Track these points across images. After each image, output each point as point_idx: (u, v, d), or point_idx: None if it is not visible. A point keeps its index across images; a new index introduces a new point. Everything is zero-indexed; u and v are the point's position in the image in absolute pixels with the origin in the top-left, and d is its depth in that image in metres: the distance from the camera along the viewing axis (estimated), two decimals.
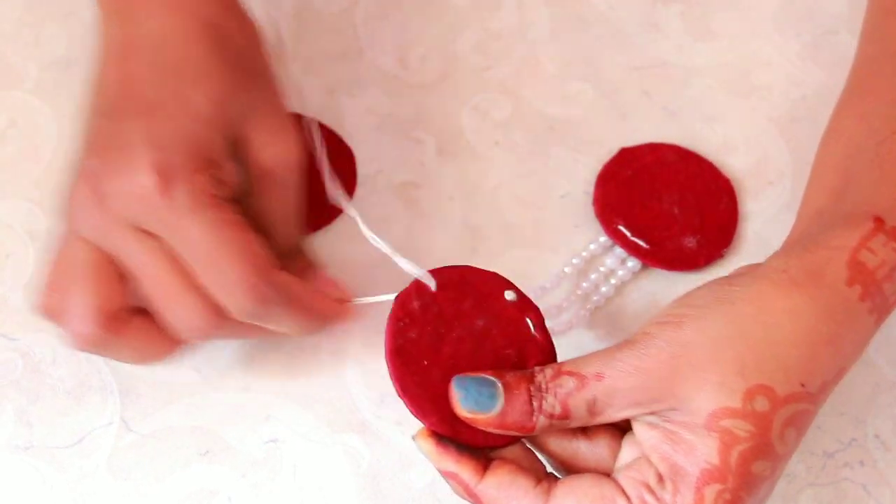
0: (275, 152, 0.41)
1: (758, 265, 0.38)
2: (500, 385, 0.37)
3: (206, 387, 0.44)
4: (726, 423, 0.34)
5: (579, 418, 0.36)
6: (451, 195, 0.49)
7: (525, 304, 0.40)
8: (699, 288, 0.38)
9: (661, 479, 0.35)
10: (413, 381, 0.38)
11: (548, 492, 0.36)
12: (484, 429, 0.37)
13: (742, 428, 0.34)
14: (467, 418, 0.37)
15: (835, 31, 0.55)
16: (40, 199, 0.47)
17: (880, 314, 0.37)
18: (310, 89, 0.51)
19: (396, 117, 0.51)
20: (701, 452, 0.34)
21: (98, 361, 0.44)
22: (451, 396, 0.37)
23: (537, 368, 0.37)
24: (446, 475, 0.37)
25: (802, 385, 0.35)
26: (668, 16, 0.55)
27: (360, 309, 0.46)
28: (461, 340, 0.39)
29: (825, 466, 0.44)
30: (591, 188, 0.49)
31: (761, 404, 0.34)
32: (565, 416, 0.36)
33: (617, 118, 0.52)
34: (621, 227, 0.48)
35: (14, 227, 0.47)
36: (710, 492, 0.34)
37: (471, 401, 0.37)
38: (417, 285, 0.40)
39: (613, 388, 0.36)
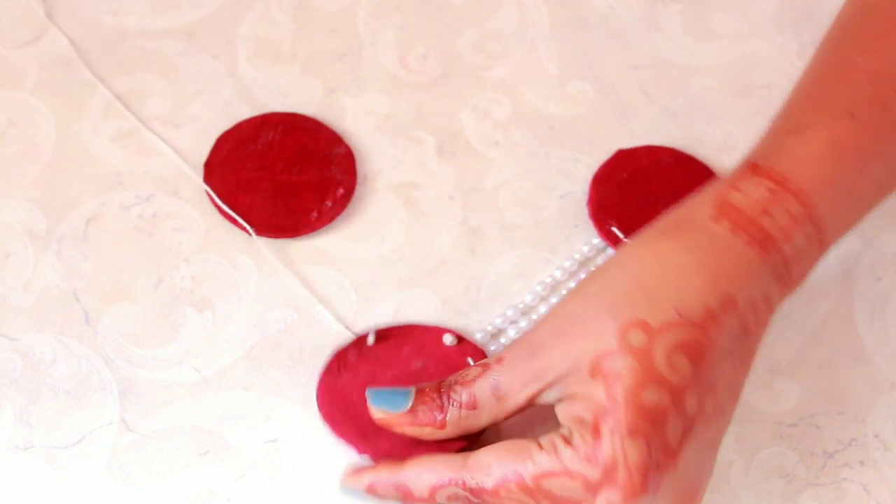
0: None
1: None
2: (412, 389, 0.38)
3: (206, 387, 0.44)
4: (607, 364, 0.35)
5: (488, 406, 0.37)
6: (451, 195, 0.49)
7: (466, 347, 0.41)
8: None
9: (570, 434, 0.36)
10: (344, 418, 0.40)
11: (468, 456, 0.37)
12: (400, 431, 0.38)
13: (623, 364, 0.35)
14: (381, 420, 0.38)
15: None
16: (40, 199, 0.47)
17: (765, 248, 0.38)
18: (310, 89, 0.51)
19: (396, 117, 0.51)
20: (594, 399, 0.35)
21: (98, 361, 0.44)
22: (367, 405, 0.39)
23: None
24: (371, 491, 0.38)
25: (679, 314, 0.36)
26: (668, 16, 0.55)
27: (360, 310, 0.46)
28: (396, 379, 0.40)
29: (825, 466, 0.44)
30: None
31: (637, 338, 0.35)
32: (473, 404, 0.37)
33: (617, 118, 0.52)
34: (615, 229, 0.47)
35: (14, 227, 0.47)
36: (606, 429, 0.35)
37: (382, 401, 0.38)
38: (357, 342, 0.42)
39: (511, 368, 0.37)
